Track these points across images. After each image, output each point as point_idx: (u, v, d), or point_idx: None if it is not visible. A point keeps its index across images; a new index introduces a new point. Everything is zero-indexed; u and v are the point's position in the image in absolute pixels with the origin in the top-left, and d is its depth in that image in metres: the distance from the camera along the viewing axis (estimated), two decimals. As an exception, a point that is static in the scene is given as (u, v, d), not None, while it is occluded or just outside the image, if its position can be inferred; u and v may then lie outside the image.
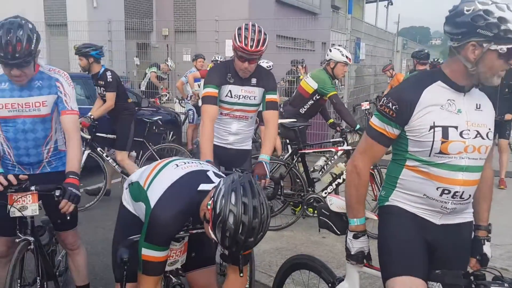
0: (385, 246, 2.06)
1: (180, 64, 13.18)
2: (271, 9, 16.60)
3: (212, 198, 1.83)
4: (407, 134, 1.96)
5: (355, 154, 2.11)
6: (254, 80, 3.36)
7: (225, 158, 3.42)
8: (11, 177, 2.49)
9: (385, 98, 1.99)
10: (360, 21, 11.93)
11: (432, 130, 1.89)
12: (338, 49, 5.22)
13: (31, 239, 2.61)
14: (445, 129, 1.88)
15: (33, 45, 2.47)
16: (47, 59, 12.67)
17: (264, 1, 16.15)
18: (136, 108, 7.87)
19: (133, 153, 6.21)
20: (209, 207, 1.83)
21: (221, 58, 8.80)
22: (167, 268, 2.16)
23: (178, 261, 2.24)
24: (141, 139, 6.31)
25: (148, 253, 2.00)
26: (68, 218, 2.56)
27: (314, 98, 5.23)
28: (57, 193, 2.47)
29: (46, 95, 2.67)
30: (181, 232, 2.11)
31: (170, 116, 8.93)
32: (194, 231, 2.13)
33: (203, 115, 3.31)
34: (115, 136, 5.75)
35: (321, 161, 5.37)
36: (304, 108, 5.28)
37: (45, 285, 2.72)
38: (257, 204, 1.78)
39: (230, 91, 3.33)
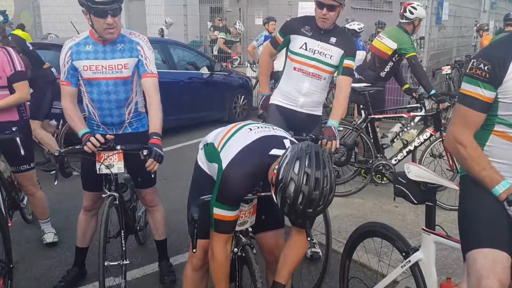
0: (467, 217, 1.96)
1: (252, 28, 13.12)
2: (347, -32, 15.87)
3: (279, 163, 1.84)
4: (498, 96, 1.81)
5: (450, 127, 1.93)
6: (333, 39, 3.25)
7: (294, 122, 3.37)
8: (99, 136, 2.65)
9: (474, 60, 1.84)
10: (444, -22, 11.07)
11: None
12: (421, 6, 5.00)
13: (116, 195, 2.79)
14: None
15: None
16: (125, 23, 13.15)
17: (339, -40, 15.43)
18: (209, 72, 8.06)
19: (53, 122, 5.60)
20: (275, 171, 1.85)
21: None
22: (237, 228, 2.22)
23: (247, 222, 2.30)
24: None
25: (219, 212, 2.06)
26: (152, 176, 2.70)
27: (393, 59, 5.01)
28: (145, 152, 2.60)
29: (128, 58, 2.78)
30: (250, 194, 2.15)
31: (241, 80, 9.01)
32: (263, 194, 2.16)
33: (262, 51, 3.64)
34: None
35: (396, 128, 5.18)
36: (384, 71, 5.09)
37: (127, 238, 2.92)
38: (320, 176, 1.75)
39: (305, 43, 3.26)
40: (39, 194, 3.67)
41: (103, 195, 2.79)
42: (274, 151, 2.03)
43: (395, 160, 4.81)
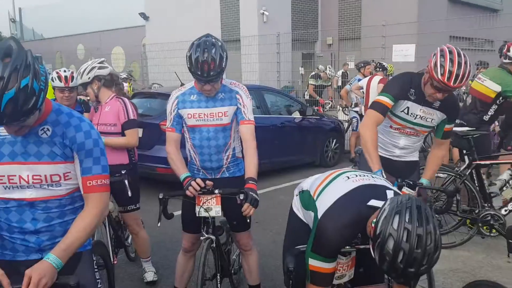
0: None
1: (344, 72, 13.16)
2: (443, 8, 15.47)
3: (377, 216, 1.75)
4: None
5: None
6: (437, 103, 3.11)
7: (391, 169, 3.26)
8: (199, 181, 2.78)
9: None
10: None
11: None
12: None
13: (213, 237, 2.87)
14: None
15: (223, 63, 2.73)
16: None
17: (435, 1, 15.12)
18: (301, 116, 8.15)
19: None
20: (373, 225, 1.76)
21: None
22: (335, 282, 2.14)
23: (345, 275, 2.20)
24: None
25: (315, 263, 2.00)
26: (248, 220, 2.76)
27: (497, 102, 4.69)
28: (241, 197, 2.67)
29: (228, 106, 2.92)
30: (348, 247, 2.06)
31: (333, 124, 8.97)
32: (362, 247, 2.07)
33: (366, 119, 3.13)
34: None
35: (505, 175, 4.76)
36: (488, 115, 4.77)
37: (222, 281, 2.96)
38: (423, 232, 1.62)
39: (408, 107, 3.14)
40: (142, 233, 3.89)
41: (201, 238, 2.88)
42: (373, 202, 1.94)
43: (506, 210, 4.39)
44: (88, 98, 3.91)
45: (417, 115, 3.14)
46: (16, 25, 29.71)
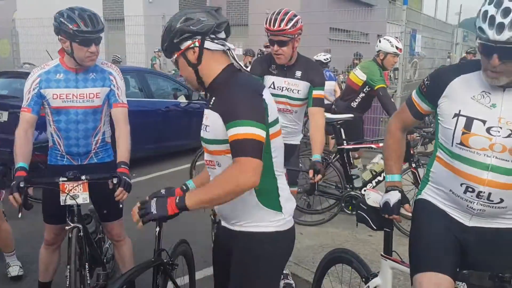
0: (413, 241, 2.01)
1: (232, 58, 13.27)
2: (324, 1, 16.34)
3: None
4: (438, 118, 1.91)
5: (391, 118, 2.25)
6: (298, 73, 3.29)
7: None
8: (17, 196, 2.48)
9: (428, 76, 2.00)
10: (417, 12, 11.54)
11: (456, 118, 1.81)
12: (388, 40, 5.08)
13: (80, 226, 2.68)
14: (469, 120, 1.78)
15: (102, 21, 2.67)
16: (105, 52, 13.16)
17: (317, -7, 15.90)
18: (187, 101, 8.03)
19: None
20: None
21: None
22: None
23: None
24: None
25: None
26: (121, 206, 2.67)
27: (364, 91, 5.10)
28: (114, 181, 2.57)
29: (100, 87, 2.76)
30: None
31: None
32: None
33: None
34: None
35: (376, 158, 5.17)
36: (356, 102, 5.16)
37: (94, 271, 2.83)
38: None
39: (273, 82, 3.31)
40: (5, 226, 3.56)
41: (66, 227, 2.69)
42: None
43: (364, 190, 4.80)
44: None
45: (283, 87, 3.30)
46: None
